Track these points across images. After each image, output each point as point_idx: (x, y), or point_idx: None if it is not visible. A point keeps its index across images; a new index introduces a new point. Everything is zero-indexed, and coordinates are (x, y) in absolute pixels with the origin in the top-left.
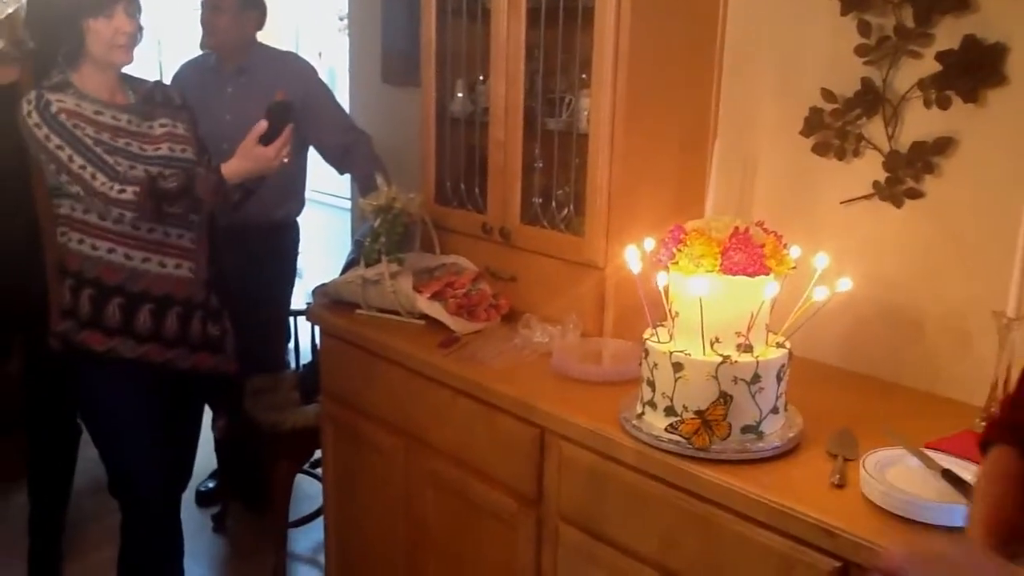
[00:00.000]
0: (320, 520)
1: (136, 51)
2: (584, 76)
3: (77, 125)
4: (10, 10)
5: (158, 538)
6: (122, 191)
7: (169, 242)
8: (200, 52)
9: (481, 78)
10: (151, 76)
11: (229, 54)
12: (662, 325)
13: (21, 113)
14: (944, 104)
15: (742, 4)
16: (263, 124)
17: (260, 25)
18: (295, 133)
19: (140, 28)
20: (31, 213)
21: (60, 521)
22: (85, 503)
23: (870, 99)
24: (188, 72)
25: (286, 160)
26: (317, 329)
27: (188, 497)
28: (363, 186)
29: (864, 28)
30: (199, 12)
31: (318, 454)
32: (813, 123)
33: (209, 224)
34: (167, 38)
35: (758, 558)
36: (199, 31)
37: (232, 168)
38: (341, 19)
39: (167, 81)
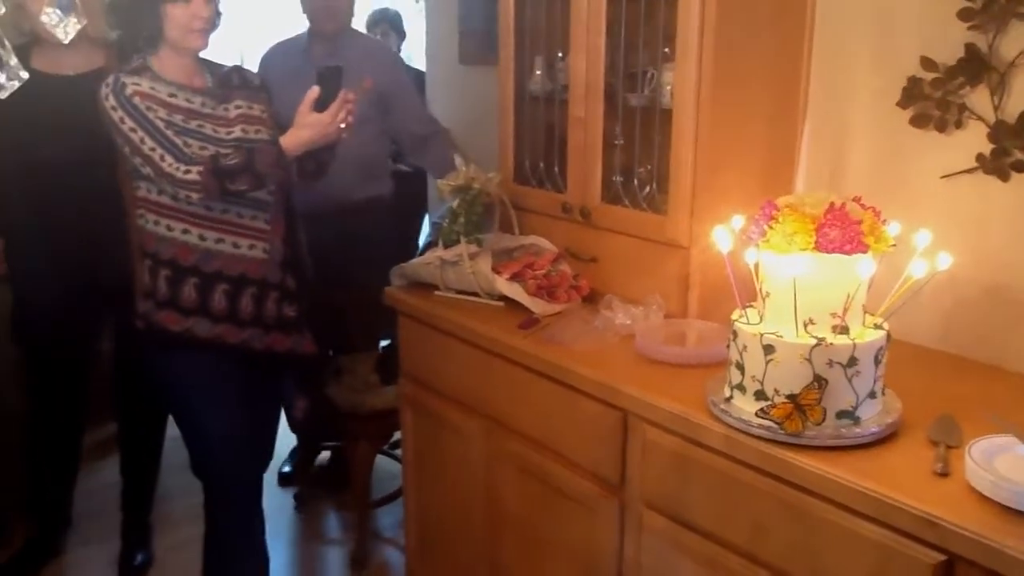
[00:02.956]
0: (401, 500)
1: (216, 36)
2: (667, 50)
3: (150, 107)
4: None
5: (239, 517)
6: (187, 171)
7: (243, 223)
8: (290, 36)
9: (560, 55)
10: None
11: (327, 37)
12: (752, 306)
13: (99, 96)
14: None
15: None
16: (315, 90)
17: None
18: (380, 117)
19: (217, 13)
20: (119, 196)
21: (150, 497)
22: (175, 480)
23: (975, 67)
24: (277, 54)
25: (343, 126)
26: None
27: (270, 477)
28: (436, 172)
29: None
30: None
31: (398, 435)
32: (912, 93)
33: (285, 204)
34: (248, 26)
35: (855, 549)
36: (280, 20)
37: (291, 139)
38: (417, 1)
39: (256, 62)
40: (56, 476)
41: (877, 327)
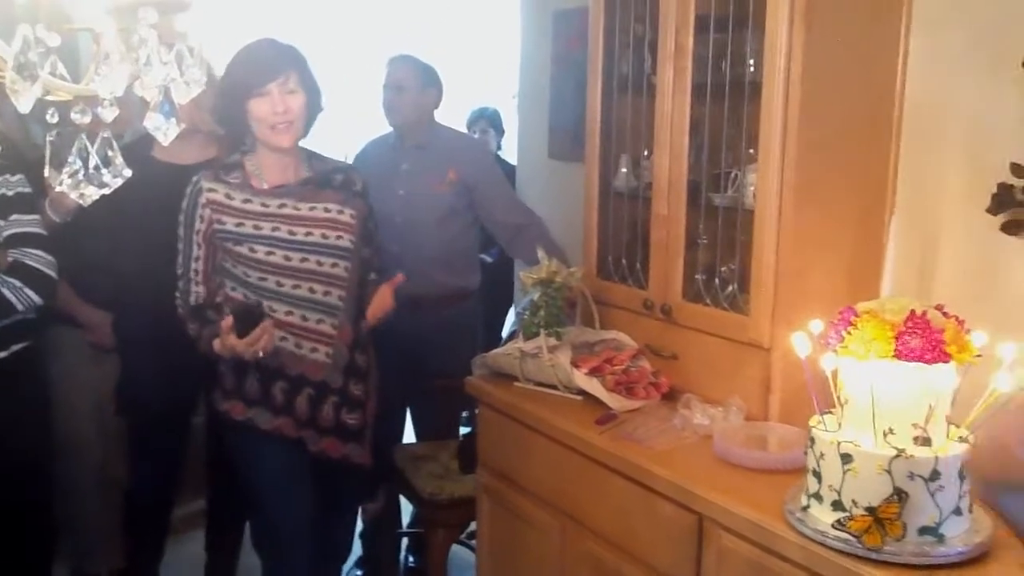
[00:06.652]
0: None
1: (321, 131)
2: (751, 151)
3: (216, 219)
4: (195, 93)
5: None
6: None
7: (306, 325)
8: (386, 130)
9: (645, 153)
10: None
11: (410, 131)
12: (830, 412)
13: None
14: None
15: (923, 71)
16: (230, 320)
17: (438, 103)
18: (467, 209)
19: (306, 106)
20: None
21: (232, 571)
22: (256, 560)
23: None
24: (370, 148)
25: (261, 355)
26: None
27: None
28: (530, 263)
29: None
30: (383, 93)
31: (474, 525)
32: (1002, 200)
33: (356, 312)
34: (349, 119)
35: None
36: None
37: (217, 347)
38: (514, 97)
39: (351, 157)
40: (146, 546)
41: (962, 439)
